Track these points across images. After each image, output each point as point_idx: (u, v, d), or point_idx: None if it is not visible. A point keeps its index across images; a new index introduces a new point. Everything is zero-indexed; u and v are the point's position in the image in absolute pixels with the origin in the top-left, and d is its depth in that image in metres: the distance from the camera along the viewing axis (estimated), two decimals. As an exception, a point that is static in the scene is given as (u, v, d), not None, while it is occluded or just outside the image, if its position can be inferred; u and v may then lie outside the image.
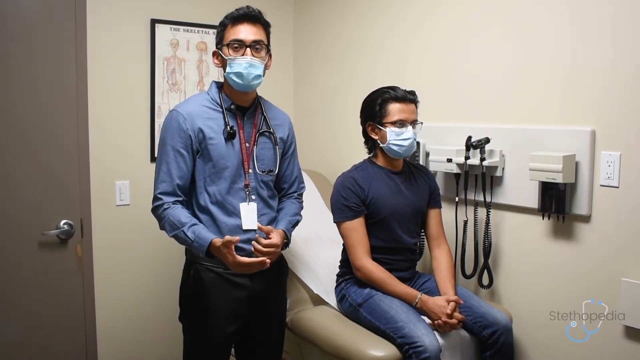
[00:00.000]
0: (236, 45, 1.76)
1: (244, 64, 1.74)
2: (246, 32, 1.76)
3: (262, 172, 1.85)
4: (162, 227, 1.80)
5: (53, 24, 2.29)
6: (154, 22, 2.57)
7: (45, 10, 2.27)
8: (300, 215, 2.00)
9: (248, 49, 1.76)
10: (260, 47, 1.78)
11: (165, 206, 1.76)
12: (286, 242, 1.87)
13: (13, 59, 2.21)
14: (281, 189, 1.99)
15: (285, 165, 1.97)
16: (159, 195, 1.77)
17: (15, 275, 2.26)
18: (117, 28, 2.49)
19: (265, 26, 1.82)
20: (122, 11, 2.50)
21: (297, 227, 2.38)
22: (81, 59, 2.36)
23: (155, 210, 1.80)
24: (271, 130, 1.90)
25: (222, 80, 1.88)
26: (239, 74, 1.75)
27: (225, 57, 1.76)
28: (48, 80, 2.28)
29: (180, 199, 1.79)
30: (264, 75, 1.80)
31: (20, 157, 2.25)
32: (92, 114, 2.41)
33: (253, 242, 1.76)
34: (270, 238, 1.77)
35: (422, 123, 2.03)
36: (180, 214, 1.76)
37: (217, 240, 1.70)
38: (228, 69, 1.76)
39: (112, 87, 2.49)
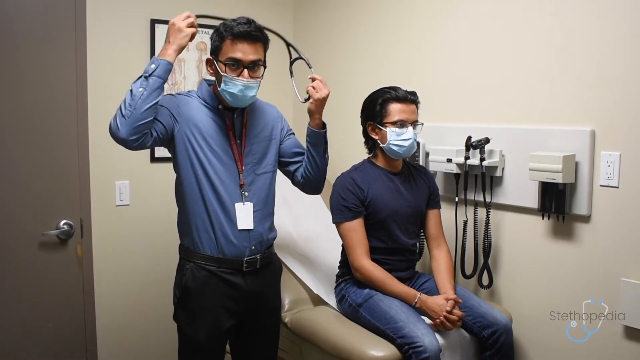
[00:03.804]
0: (233, 65, 1.73)
1: (239, 86, 1.72)
2: (245, 51, 1.72)
3: (255, 165, 1.85)
4: (117, 112, 1.70)
5: (53, 24, 2.29)
6: (153, 22, 2.57)
7: (45, 10, 2.27)
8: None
9: (245, 71, 1.73)
10: (257, 67, 1.76)
11: None
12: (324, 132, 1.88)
13: (13, 59, 2.21)
14: (300, 155, 1.97)
15: (290, 145, 1.96)
16: None
17: (15, 275, 2.26)
18: (117, 28, 2.49)
19: (265, 42, 1.79)
20: (122, 11, 2.50)
21: (297, 227, 2.39)
22: (81, 59, 2.36)
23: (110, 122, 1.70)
24: (261, 125, 1.89)
25: (212, 78, 1.86)
26: (232, 94, 1.73)
27: (221, 73, 1.73)
28: (48, 80, 2.28)
29: None
30: (258, 88, 1.79)
31: (20, 157, 2.25)
32: (92, 114, 2.41)
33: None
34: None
35: (422, 124, 2.03)
36: None
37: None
38: (223, 86, 1.73)
39: (112, 87, 2.48)
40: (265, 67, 1.80)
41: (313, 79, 1.87)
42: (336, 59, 2.83)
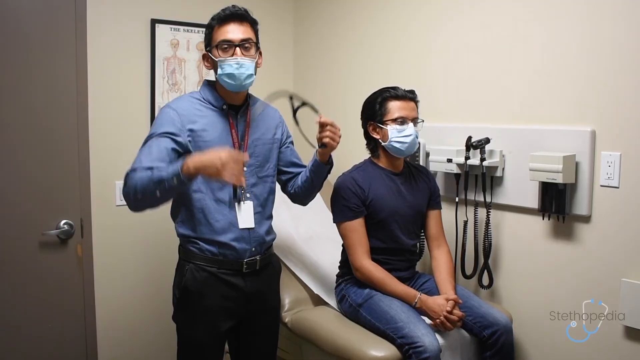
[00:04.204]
0: (225, 46, 1.74)
1: (234, 65, 1.73)
2: (234, 31, 1.75)
3: (257, 168, 1.85)
4: (130, 188, 1.62)
5: (53, 24, 2.29)
6: (154, 22, 2.57)
7: (45, 10, 2.27)
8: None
9: (237, 49, 1.74)
10: (249, 45, 1.77)
11: (135, 170, 1.64)
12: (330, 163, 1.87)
13: (13, 59, 2.21)
14: (295, 166, 1.99)
15: (289, 154, 1.97)
16: (132, 168, 1.65)
17: (15, 275, 2.25)
18: (117, 28, 2.49)
19: (253, 24, 1.81)
20: (122, 11, 2.50)
21: (297, 227, 2.39)
22: (81, 59, 2.36)
23: (125, 181, 1.65)
24: (264, 128, 1.89)
25: (214, 79, 1.86)
26: (230, 75, 1.74)
27: (215, 59, 1.75)
28: (48, 81, 2.28)
29: None
30: (255, 74, 1.80)
31: (21, 157, 2.24)
32: (92, 114, 2.41)
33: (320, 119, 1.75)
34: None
35: (422, 121, 2.04)
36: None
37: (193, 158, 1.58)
38: (219, 71, 1.75)
39: (112, 87, 2.49)
40: (259, 51, 1.81)
41: (324, 124, 1.76)
42: (336, 58, 2.83)
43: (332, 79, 2.87)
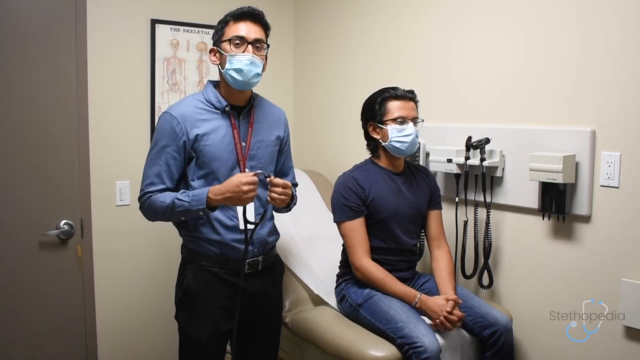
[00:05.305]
0: (237, 42, 1.74)
1: (244, 61, 1.72)
2: (248, 29, 1.75)
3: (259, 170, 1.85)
4: (152, 213, 1.79)
5: (53, 24, 2.29)
6: (154, 22, 2.57)
7: (45, 10, 2.27)
8: (296, 197, 1.98)
9: (250, 47, 1.74)
10: (260, 46, 1.78)
11: (152, 194, 1.77)
12: (293, 199, 1.89)
13: (13, 59, 2.21)
14: (284, 176, 1.99)
15: (282, 161, 1.98)
16: (147, 191, 1.78)
17: (15, 275, 2.26)
18: (117, 28, 2.49)
19: (266, 28, 1.81)
20: (122, 11, 2.50)
21: (297, 227, 2.40)
22: (81, 59, 2.37)
23: (142, 202, 1.80)
24: (267, 130, 1.89)
25: (218, 79, 1.87)
26: (239, 70, 1.73)
27: (225, 53, 1.74)
28: (48, 81, 2.28)
29: None
30: (260, 76, 1.80)
31: (21, 157, 2.25)
32: (92, 114, 2.42)
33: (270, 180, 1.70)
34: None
35: (422, 120, 2.04)
36: (169, 193, 1.76)
37: (216, 186, 1.70)
38: (228, 65, 1.74)
39: (112, 88, 2.49)
40: (266, 55, 1.81)
41: (275, 184, 1.70)
42: (336, 58, 2.83)
43: (332, 79, 2.87)
